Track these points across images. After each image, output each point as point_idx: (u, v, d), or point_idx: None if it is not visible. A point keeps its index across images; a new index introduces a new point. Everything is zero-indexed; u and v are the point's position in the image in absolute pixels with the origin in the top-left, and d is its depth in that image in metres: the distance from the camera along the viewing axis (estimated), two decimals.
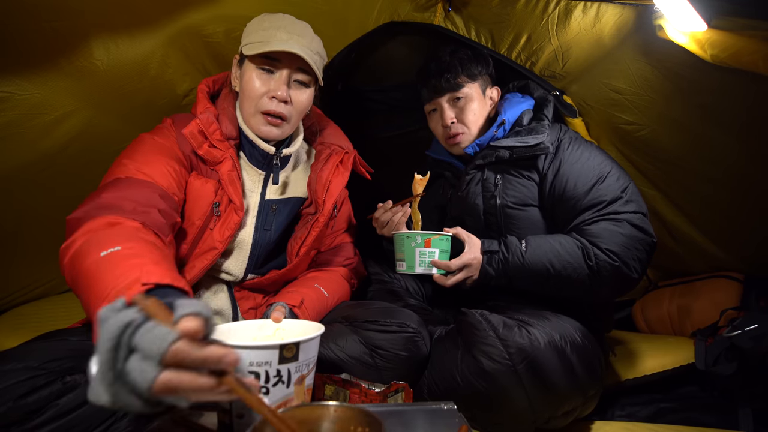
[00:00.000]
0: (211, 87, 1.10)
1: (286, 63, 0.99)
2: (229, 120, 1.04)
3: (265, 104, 0.99)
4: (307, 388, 0.66)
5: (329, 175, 1.10)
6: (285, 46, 0.95)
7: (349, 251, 1.26)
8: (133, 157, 0.92)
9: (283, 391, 0.63)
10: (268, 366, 0.62)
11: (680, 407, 1.20)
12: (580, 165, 1.11)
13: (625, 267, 1.01)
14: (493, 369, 0.88)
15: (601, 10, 1.22)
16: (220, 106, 1.05)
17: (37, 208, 1.22)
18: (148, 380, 0.44)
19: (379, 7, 1.46)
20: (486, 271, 1.08)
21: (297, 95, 1.02)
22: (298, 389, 0.64)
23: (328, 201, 1.09)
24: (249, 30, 1.02)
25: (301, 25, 1.02)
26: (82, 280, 0.69)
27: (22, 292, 1.36)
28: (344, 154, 1.15)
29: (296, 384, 0.64)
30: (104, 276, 0.64)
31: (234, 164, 1.01)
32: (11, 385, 0.70)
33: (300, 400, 0.65)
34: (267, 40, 0.96)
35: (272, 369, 0.62)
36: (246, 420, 0.60)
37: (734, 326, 1.18)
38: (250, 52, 0.97)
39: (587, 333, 1.00)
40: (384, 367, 0.91)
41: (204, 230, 1.01)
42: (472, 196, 1.23)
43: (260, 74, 0.99)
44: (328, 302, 1.09)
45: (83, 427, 0.73)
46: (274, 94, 0.98)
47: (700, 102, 1.20)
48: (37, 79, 1.00)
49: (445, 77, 1.22)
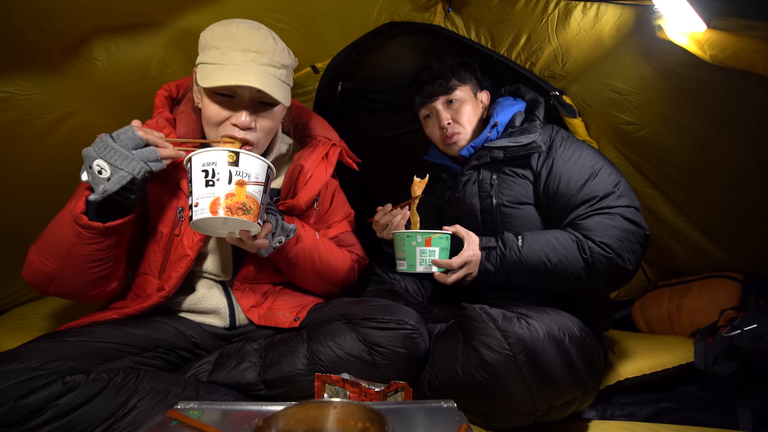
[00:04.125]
0: (174, 92, 1.08)
1: (245, 90, 0.91)
2: (189, 123, 1.01)
3: (227, 130, 0.93)
4: (249, 195, 0.82)
5: (312, 168, 1.10)
6: (239, 77, 0.87)
7: (350, 238, 1.26)
8: (76, 192, 0.91)
9: (225, 185, 0.80)
10: (214, 165, 0.80)
11: (680, 407, 1.20)
12: (572, 162, 1.14)
13: (620, 259, 1.02)
14: (493, 359, 0.88)
15: (600, 11, 1.23)
16: (179, 110, 1.03)
17: (38, 209, 1.21)
18: (132, 130, 0.84)
19: (379, 7, 1.47)
20: (485, 267, 1.09)
21: (263, 121, 0.95)
22: (239, 189, 0.81)
23: (303, 196, 1.09)
24: (202, 44, 0.93)
25: (259, 35, 0.91)
26: (52, 224, 0.90)
27: (22, 292, 1.36)
28: (331, 146, 1.15)
29: (237, 184, 0.81)
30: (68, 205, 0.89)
31: None
32: (11, 385, 0.70)
33: (241, 200, 0.81)
34: (221, 63, 0.88)
35: (217, 167, 0.80)
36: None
37: (734, 326, 1.18)
38: (204, 82, 0.89)
39: (585, 328, 1.01)
40: (383, 364, 0.91)
41: (172, 237, 1.00)
42: (469, 197, 1.26)
43: (220, 99, 0.92)
44: (320, 245, 1.10)
45: (83, 427, 0.73)
46: (236, 122, 0.91)
47: (699, 102, 1.20)
48: (37, 79, 1.00)
49: (437, 82, 1.28)
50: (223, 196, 0.80)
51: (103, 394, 0.76)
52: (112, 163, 0.81)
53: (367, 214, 1.26)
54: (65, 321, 1.24)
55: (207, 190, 0.80)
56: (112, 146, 0.81)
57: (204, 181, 0.80)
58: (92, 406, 0.74)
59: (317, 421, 0.59)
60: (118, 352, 0.86)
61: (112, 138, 0.83)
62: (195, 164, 0.81)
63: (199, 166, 0.81)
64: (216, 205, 0.79)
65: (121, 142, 0.83)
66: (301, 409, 0.60)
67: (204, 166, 0.81)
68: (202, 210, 0.79)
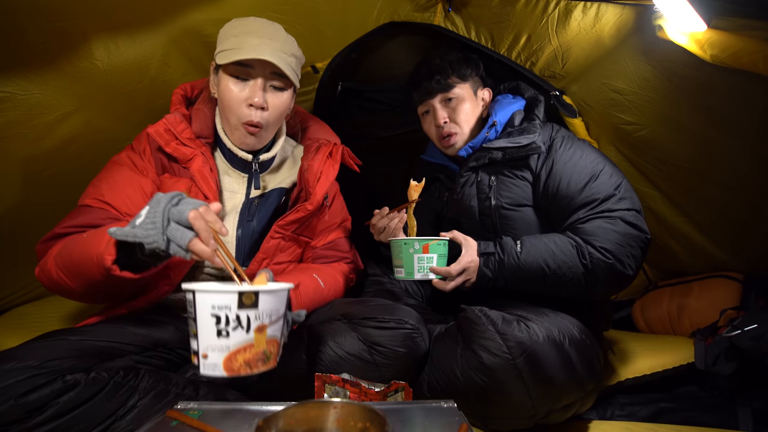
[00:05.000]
0: (189, 92, 1.12)
1: (259, 69, 0.99)
2: (203, 120, 1.06)
3: (245, 114, 1.00)
4: (270, 338, 0.69)
5: (320, 166, 1.13)
6: (256, 53, 0.95)
7: (344, 245, 1.26)
8: (95, 184, 0.98)
9: (242, 335, 0.66)
10: (228, 311, 0.65)
11: (680, 407, 1.20)
12: (572, 164, 1.12)
13: (620, 264, 1.01)
14: (492, 363, 0.88)
15: (601, 11, 1.23)
16: (195, 108, 1.08)
17: (38, 208, 1.22)
18: (185, 210, 0.70)
19: (379, 7, 1.46)
20: (483, 273, 1.09)
21: (273, 100, 1.02)
22: (258, 337, 0.67)
23: (318, 191, 1.11)
24: (221, 37, 1.02)
25: (273, 27, 1.02)
26: (78, 245, 0.82)
27: (22, 292, 1.36)
28: (333, 146, 1.17)
29: (256, 331, 0.67)
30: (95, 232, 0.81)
31: (205, 160, 1.03)
32: (12, 383, 0.70)
33: (261, 348, 0.67)
34: (238, 47, 0.96)
35: (232, 314, 0.65)
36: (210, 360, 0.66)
37: (734, 326, 1.18)
38: (223, 60, 0.98)
39: (585, 330, 1.00)
40: (383, 364, 0.91)
41: None
42: (467, 198, 1.25)
43: (236, 82, 0.99)
44: (324, 293, 1.10)
45: (83, 425, 0.73)
46: (251, 101, 0.99)
47: (700, 102, 1.20)
48: (37, 79, 1.00)
49: (436, 78, 1.25)
50: (240, 349, 0.66)
51: (104, 393, 0.76)
52: (142, 215, 0.72)
53: (365, 216, 1.26)
54: (65, 321, 1.25)
55: (219, 341, 0.65)
56: (157, 205, 0.71)
57: (215, 329, 0.65)
58: (92, 404, 0.74)
59: (317, 421, 0.59)
60: (118, 351, 0.86)
61: (174, 200, 0.72)
62: (202, 304, 0.65)
63: (208, 309, 0.65)
64: (232, 362, 0.65)
65: (173, 211, 0.71)
66: (301, 409, 0.60)
67: (215, 310, 0.65)
68: (214, 366, 0.65)
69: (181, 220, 0.70)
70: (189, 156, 1.02)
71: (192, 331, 0.67)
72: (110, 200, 0.95)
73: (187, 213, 0.70)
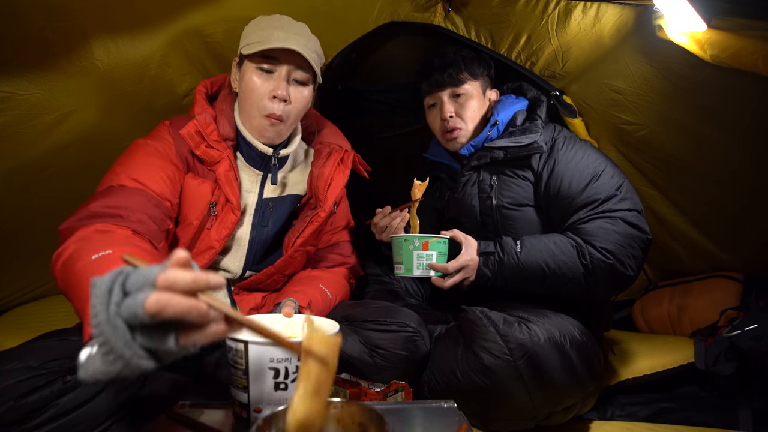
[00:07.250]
0: (209, 88, 1.11)
1: (284, 61, 1.00)
2: (227, 121, 1.05)
3: (267, 107, 1.00)
4: None
5: (331, 172, 1.12)
6: (283, 44, 0.96)
7: (347, 249, 1.26)
8: (125, 165, 0.94)
9: None
10: (288, 363, 0.63)
11: (680, 407, 1.20)
12: (574, 164, 1.12)
13: (620, 265, 1.01)
14: (493, 364, 0.88)
15: (601, 10, 1.22)
16: (218, 108, 1.07)
17: (38, 208, 1.22)
18: (139, 302, 0.43)
19: (379, 7, 1.46)
20: (482, 273, 1.08)
21: (296, 93, 1.03)
22: None
23: (329, 197, 1.11)
24: (247, 31, 1.03)
25: (299, 24, 1.03)
26: (73, 283, 0.69)
27: (22, 292, 1.36)
28: (344, 152, 1.17)
29: None
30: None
31: (231, 164, 1.02)
32: (12, 384, 0.70)
33: None
34: (265, 39, 0.97)
35: (291, 365, 0.64)
36: (264, 414, 0.60)
37: (734, 326, 1.18)
38: (249, 51, 0.98)
39: (586, 331, 1.00)
40: (383, 366, 0.91)
41: (201, 230, 1.02)
42: (469, 198, 1.25)
43: (260, 74, 1.00)
44: (331, 302, 1.10)
45: (83, 426, 0.73)
46: (275, 93, 0.99)
47: (700, 102, 1.20)
48: (37, 79, 1.00)
49: (447, 72, 1.24)
50: None
51: (104, 393, 0.75)
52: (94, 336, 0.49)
53: (366, 215, 1.26)
54: (65, 321, 1.25)
55: (277, 395, 0.63)
56: (103, 312, 0.46)
57: (273, 383, 0.63)
58: (93, 405, 0.74)
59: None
60: None
61: (115, 294, 0.47)
62: (257, 358, 0.62)
63: (265, 362, 0.62)
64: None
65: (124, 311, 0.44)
66: None
67: (273, 363, 0.63)
68: None
69: (140, 315, 0.43)
70: (216, 159, 1.01)
71: (239, 383, 0.63)
72: (145, 181, 0.91)
73: (142, 305, 0.43)
